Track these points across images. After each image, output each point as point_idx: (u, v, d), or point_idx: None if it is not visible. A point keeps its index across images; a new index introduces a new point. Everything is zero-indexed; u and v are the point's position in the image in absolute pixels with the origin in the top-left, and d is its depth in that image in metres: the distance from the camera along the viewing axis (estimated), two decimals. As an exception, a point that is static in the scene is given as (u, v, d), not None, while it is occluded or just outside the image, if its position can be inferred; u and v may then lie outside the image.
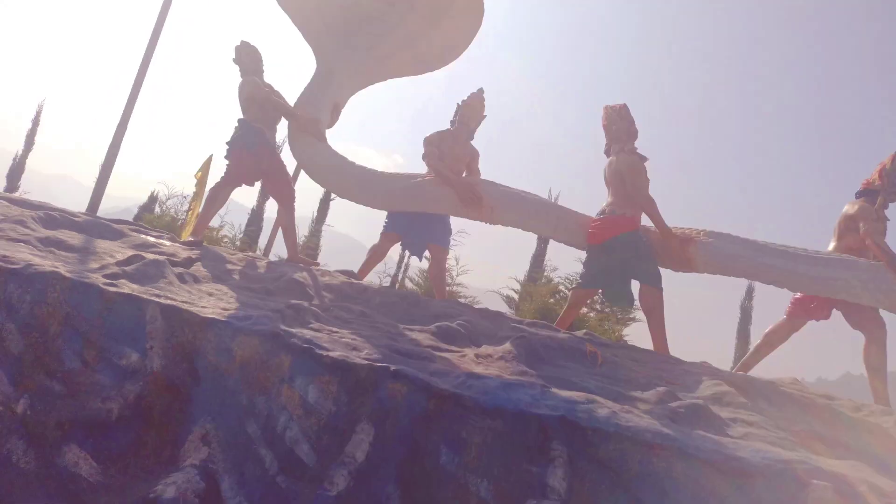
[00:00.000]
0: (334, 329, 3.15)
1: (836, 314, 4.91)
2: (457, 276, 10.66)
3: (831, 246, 4.80)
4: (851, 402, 4.14)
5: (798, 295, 4.84)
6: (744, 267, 4.56)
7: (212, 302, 3.24)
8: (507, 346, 3.52)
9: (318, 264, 5.96)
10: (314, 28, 6.05)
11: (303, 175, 6.85)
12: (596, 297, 8.73)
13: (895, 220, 4.73)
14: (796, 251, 4.52)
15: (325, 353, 2.68)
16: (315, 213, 14.06)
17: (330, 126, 5.95)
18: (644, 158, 4.86)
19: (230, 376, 2.70)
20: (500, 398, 2.61)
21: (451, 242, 5.86)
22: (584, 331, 4.59)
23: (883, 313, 4.63)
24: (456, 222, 5.71)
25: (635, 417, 2.76)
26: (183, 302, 3.06)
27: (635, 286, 4.79)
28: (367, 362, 2.67)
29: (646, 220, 4.82)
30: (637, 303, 4.84)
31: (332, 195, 13.58)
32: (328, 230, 13.86)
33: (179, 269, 3.81)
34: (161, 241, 4.80)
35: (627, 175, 4.72)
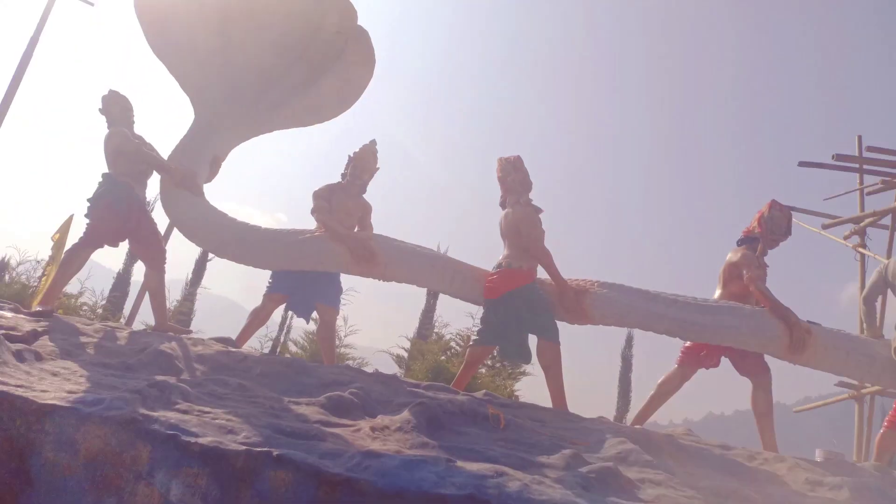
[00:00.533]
0: (206, 409, 2.73)
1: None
2: (345, 336, 10.20)
3: (717, 293, 4.91)
4: (745, 451, 4.16)
5: (688, 343, 4.90)
6: (637, 317, 4.56)
7: (55, 384, 2.74)
8: (406, 414, 3.23)
9: (189, 332, 5.43)
10: (194, 80, 5.67)
11: (176, 234, 6.31)
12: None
13: (776, 266, 4.93)
14: (686, 300, 4.57)
15: (192, 439, 2.28)
16: (190, 276, 13.13)
17: (208, 180, 5.54)
18: (539, 210, 4.83)
19: (72, 476, 2.23)
20: (401, 479, 2.31)
21: (341, 301, 5.54)
22: (483, 391, 4.38)
23: (767, 358, 4.76)
24: (345, 279, 5.41)
25: (547, 489, 2.54)
26: (16, 386, 2.55)
27: (532, 341, 4.68)
28: (244, 447, 2.30)
29: (541, 273, 4.75)
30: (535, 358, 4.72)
31: (210, 255, 12.78)
32: (204, 293, 12.97)
33: (19, 346, 3.25)
34: (0, 312, 4.15)
35: (523, 227, 4.66)
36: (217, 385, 3.29)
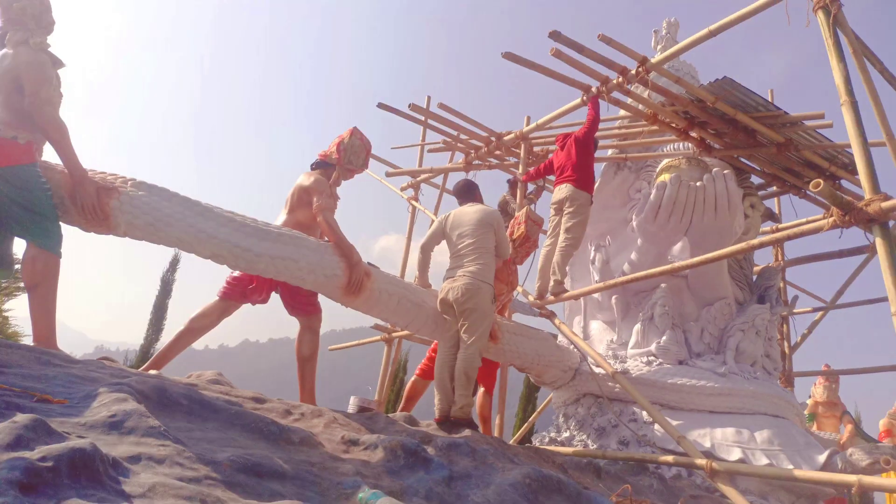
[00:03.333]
0: None
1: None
2: None
3: (281, 219, 4.22)
4: (281, 404, 3.58)
5: (236, 273, 4.11)
6: (177, 234, 3.55)
7: None
8: None
9: None
10: None
11: None
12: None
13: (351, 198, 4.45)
14: (245, 221, 3.75)
15: None
16: None
17: None
18: (59, 63, 3.39)
19: None
20: None
21: None
22: None
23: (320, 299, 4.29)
24: None
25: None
26: None
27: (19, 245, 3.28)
28: None
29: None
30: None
31: None
32: None
33: None
34: None
35: (28, 79, 3.18)
36: None
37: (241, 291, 4.10)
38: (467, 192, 4.82)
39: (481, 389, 5.22)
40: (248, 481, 2.40)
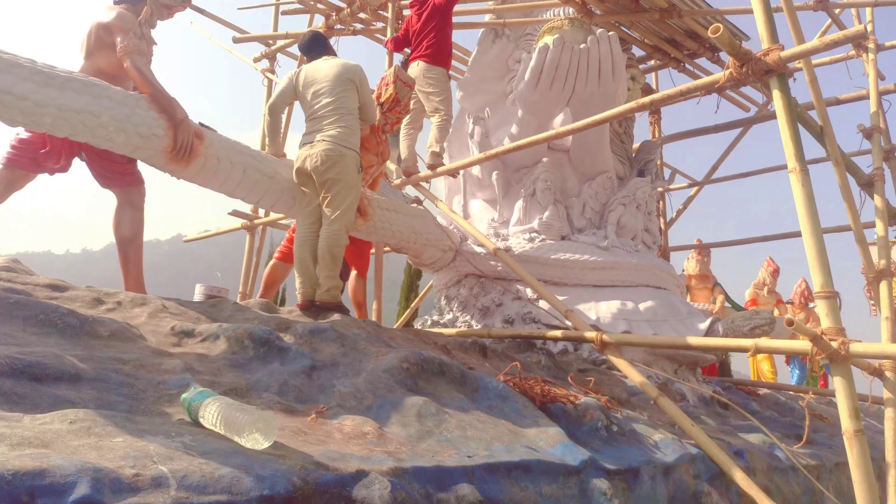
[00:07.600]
0: None
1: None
2: None
3: (77, 67, 3.28)
4: (91, 292, 2.83)
5: (24, 135, 3.19)
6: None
7: None
8: None
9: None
10: None
11: None
12: None
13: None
14: (18, 60, 2.80)
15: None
16: None
17: None
18: None
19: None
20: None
21: None
22: None
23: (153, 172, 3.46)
24: None
25: None
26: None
27: None
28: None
29: None
30: None
31: None
32: None
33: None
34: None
35: None
36: None
37: (31, 157, 3.19)
38: (317, 45, 4.04)
39: (353, 273, 4.67)
40: (20, 388, 1.74)
